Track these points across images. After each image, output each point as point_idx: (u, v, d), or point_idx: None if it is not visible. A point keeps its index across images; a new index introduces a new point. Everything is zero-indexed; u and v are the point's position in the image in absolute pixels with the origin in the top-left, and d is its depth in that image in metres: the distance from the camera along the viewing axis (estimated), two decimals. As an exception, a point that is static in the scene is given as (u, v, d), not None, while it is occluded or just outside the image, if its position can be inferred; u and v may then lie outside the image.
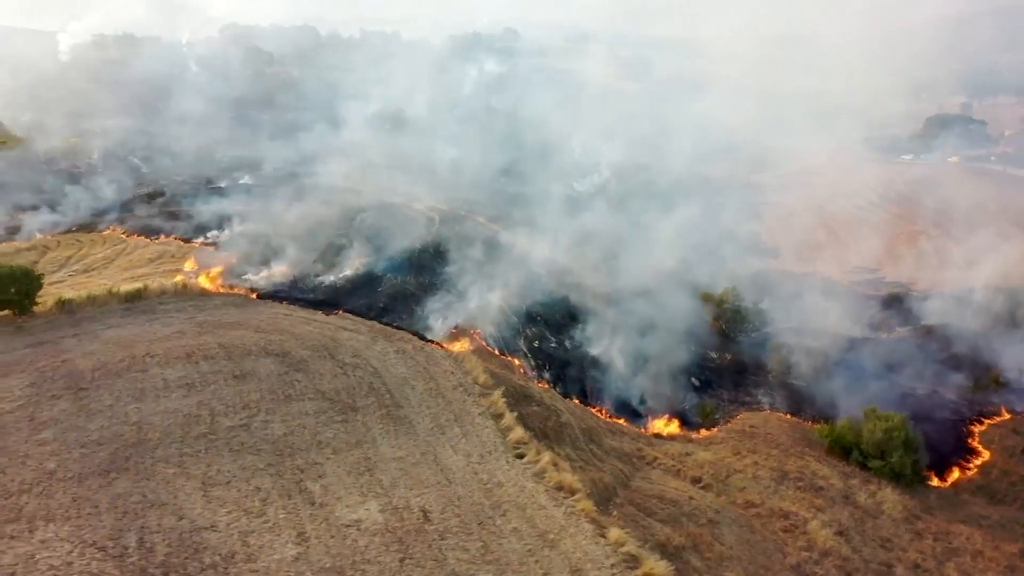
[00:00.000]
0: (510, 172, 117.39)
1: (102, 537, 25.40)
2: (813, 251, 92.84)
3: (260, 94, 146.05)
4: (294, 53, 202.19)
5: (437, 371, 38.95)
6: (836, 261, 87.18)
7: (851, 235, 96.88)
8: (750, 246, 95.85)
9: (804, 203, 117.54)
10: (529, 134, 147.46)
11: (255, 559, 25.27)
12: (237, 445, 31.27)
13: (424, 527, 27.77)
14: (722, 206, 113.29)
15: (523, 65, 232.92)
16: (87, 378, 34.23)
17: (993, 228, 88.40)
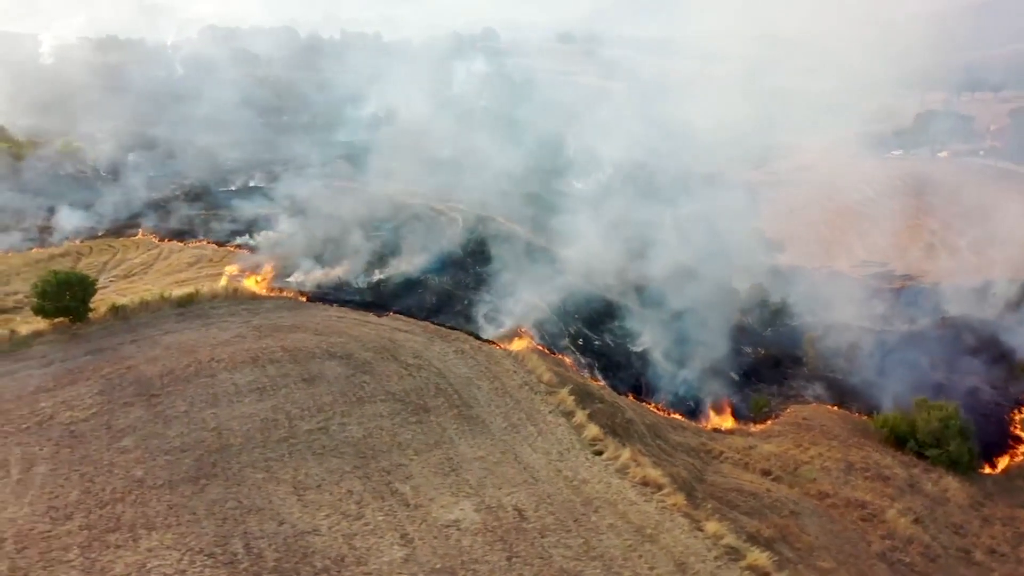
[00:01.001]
0: (515, 172, 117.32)
1: (208, 544, 25.13)
2: (819, 246, 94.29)
3: (260, 96, 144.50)
4: (285, 55, 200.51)
5: (499, 371, 38.97)
6: (844, 255, 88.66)
7: (854, 230, 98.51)
8: (757, 242, 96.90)
9: (804, 199, 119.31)
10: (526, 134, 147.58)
11: (365, 562, 25.15)
12: (319, 448, 31.08)
13: (522, 525, 27.81)
14: (724, 203, 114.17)
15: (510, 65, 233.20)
16: (157, 384, 33.79)
17: (993, 220, 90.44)
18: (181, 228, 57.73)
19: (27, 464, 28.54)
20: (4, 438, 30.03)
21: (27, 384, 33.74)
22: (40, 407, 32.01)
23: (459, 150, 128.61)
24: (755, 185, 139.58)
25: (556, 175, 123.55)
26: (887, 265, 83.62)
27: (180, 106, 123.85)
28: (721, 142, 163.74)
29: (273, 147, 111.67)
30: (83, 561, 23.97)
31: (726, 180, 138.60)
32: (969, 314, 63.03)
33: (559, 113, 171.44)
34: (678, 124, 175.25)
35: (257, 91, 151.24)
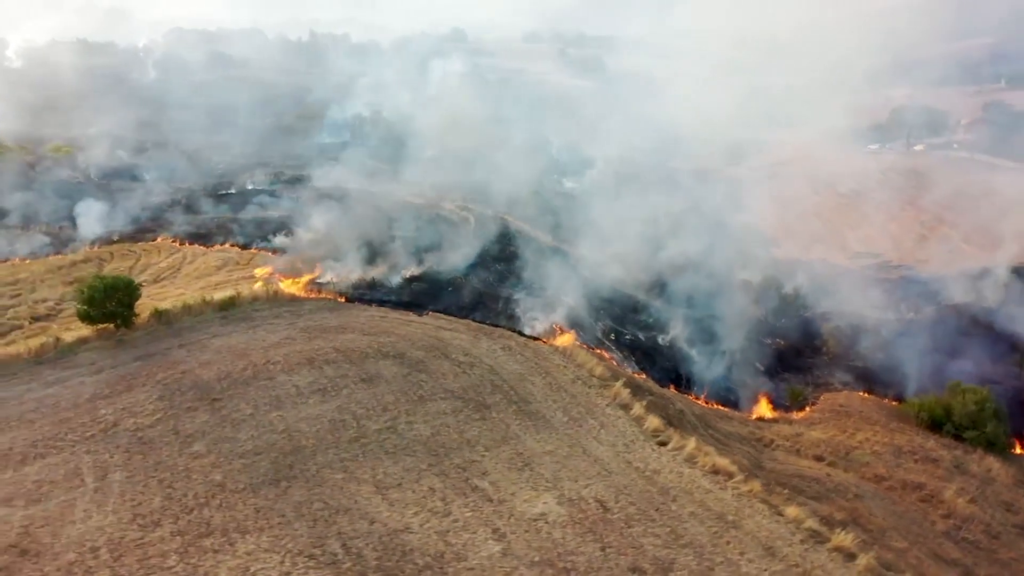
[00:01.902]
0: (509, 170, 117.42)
1: (306, 546, 24.97)
2: (812, 239, 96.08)
3: (244, 98, 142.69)
4: (265, 57, 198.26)
5: (549, 366, 39.21)
6: (838, 247, 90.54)
7: (844, 222, 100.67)
8: (750, 236, 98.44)
9: (788, 194, 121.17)
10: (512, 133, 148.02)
11: (464, 557, 25.21)
12: (391, 447, 31.01)
13: (607, 516, 28.08)
14: (714, 199, 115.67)
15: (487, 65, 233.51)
16: (216, 388, 33.38)
17: (979, 210, 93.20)
18: (199, 232, 56.83)
19: (101, 472, 28.03)
20: (71, 446, 29.44)
21: (82, 392, 33.08)
22: (101, 414, 31.43)
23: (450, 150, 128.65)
24: (739, 180, 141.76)
25: (548, 174, 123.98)
26: (882, 256, 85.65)
27: (165, 109, 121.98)
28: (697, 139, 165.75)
29: (265, 150, 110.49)
30: (185, 567, 23.65)
31: (710, 176, 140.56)
32: (972, 302, 64.87)
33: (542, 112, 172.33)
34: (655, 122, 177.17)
35: (241, 93, 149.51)
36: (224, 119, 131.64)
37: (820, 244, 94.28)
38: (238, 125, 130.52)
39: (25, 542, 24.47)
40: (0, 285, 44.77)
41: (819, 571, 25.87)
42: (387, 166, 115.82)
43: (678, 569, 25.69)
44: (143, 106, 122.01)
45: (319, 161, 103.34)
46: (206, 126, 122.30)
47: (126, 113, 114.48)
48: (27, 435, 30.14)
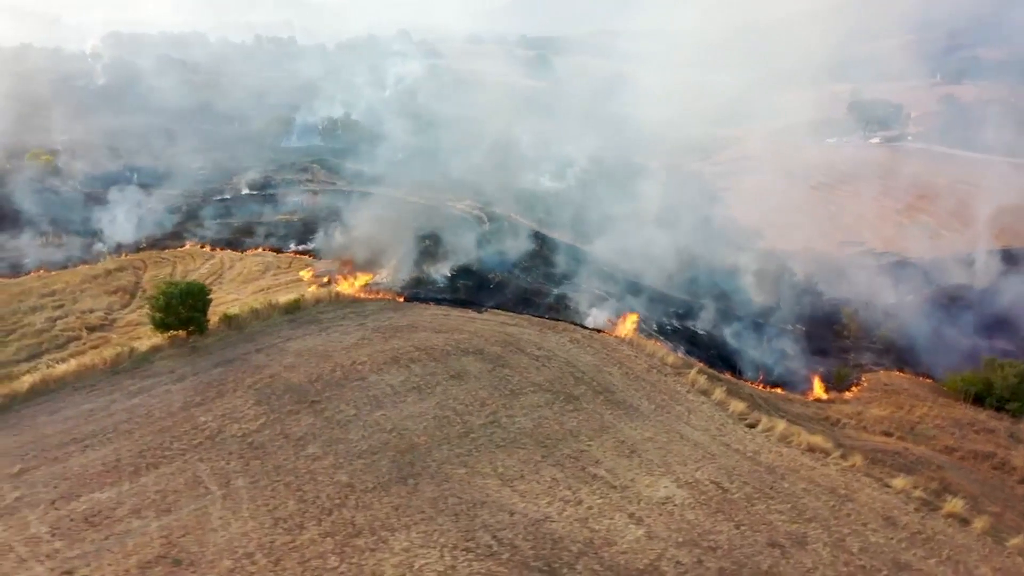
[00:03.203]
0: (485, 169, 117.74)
1: (458, 539, 25.08)
2: (794, 230, 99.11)
3: (203, 103, 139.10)
4: (212, 61, 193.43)
5: (620, 356, 39.92)
6: (820, 237, 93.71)
7: (821, 213, 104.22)
8: (733, 229, 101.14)
9: (759, 187, 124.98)
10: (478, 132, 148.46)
11: (613, 542, 25.71)
12: (500, 441, 31.24)
13: (728, 497, 28.95)
14: (685, 193, 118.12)
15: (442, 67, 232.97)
16: (311, 391, 32.98)
17: (949, 198, 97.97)
18: (225, 236, 55.40)
19: (223, 479, 27.48)
20: (181, 455, 28.76)
21: (171, 400, 32.25)
22: (202, 422, 30.74)
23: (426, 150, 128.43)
24: (708, 176, 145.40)
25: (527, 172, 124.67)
26: (865, 244, 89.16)
27: (129, 116, 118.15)
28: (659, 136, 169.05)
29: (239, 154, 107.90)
30: (349, 567, 23.52)
31: (681, 172, 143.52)
32: (961, 284, 68.30)
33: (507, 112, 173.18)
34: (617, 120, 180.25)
35: (201, 98, 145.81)
36: (190, 125, 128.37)
37: (801, 235, 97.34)
38: (205, 131, 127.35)
39: (174, 552, 23.92)
40: (38, 297, 42.93)
41: (941, 536, 27.27)
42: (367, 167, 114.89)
43: (812, 542, 26.71)
44: (106, 113, 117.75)
45: (300, 165, 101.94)
46: (174, 132, 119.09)
47: (92, 120, 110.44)
48: (130, 446, 29.27)
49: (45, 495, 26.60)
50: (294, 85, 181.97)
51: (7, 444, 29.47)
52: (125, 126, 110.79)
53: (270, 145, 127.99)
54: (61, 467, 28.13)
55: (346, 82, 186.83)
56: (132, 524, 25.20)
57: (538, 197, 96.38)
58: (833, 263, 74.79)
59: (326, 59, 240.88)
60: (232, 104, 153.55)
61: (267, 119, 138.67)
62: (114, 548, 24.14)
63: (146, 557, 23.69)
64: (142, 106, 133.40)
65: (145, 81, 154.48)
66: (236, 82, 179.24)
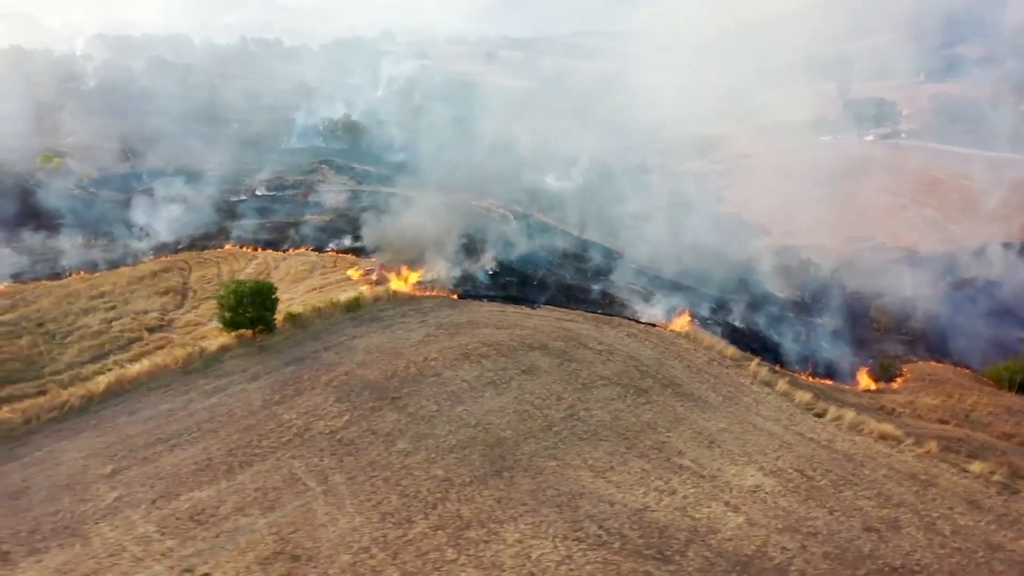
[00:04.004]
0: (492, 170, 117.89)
1: (567, 530, 25.33)
2: (800, 226, 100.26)
3: (199, 105, 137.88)
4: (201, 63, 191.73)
5: (679, 350, 40.37)
6: (829, 233, 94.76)
7: (825, 209, 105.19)
8: (742, 226, 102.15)
9: (759, 185, 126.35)
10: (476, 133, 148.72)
11: (717, 529, 26.09)
12: (582, 434, 31.52)
13: (814, 484, 29.44)
14: (690, 192, 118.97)
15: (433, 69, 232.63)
16: (390, 388, 33.04)
17: (948, 193, 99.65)
18: (259, 238, 55.05)
19: (320, 476, 27.51)
20: (272, 453, 28.73)
21: (251, 399, 32.16)
22: (285, 420, 30.71)
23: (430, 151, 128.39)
24: (706, 175, 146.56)
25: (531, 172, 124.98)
26: (875, 239, 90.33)
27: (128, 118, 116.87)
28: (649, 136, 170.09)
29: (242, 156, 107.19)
30: (468, 559, 23.69)
31: (679, 171, 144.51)
32: (975, 276, 69.60)
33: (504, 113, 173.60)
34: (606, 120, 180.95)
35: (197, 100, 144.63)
36: (190, 127, 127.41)
37: (809, 231, 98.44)
38: (206, 133, 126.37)
39: (289, 548, 23.95)
40: (87, 299, 42.44)
41: (1027, 518, 27.92)
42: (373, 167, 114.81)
43: (905, 525, 27.27)
44: (106, 115, 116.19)
45: (308, 166, 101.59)
46: (177, 135, 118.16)
47: (93, 122, 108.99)
48: (218, 445, 29.19)
49: (144, 495, 26.49)
50: (288, 87, 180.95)
51: (93, 445, 29.28)
52: (127, 128, 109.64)
53: (271, 147, 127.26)
54: (153, 467, 28.00)
55: (340, 83, 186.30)
56: (239, 522, 25.18)
57: (550, 196, 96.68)
58: (847, 257, 75.76)
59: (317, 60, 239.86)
60: (229, 106, 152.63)
61: (266, 121, 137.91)
62: (227, 546, 24.13)
63: (263, 554, 23.70)
64: (141, 109, 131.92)
65: (141, 83, 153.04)
66: (231, 84, 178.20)
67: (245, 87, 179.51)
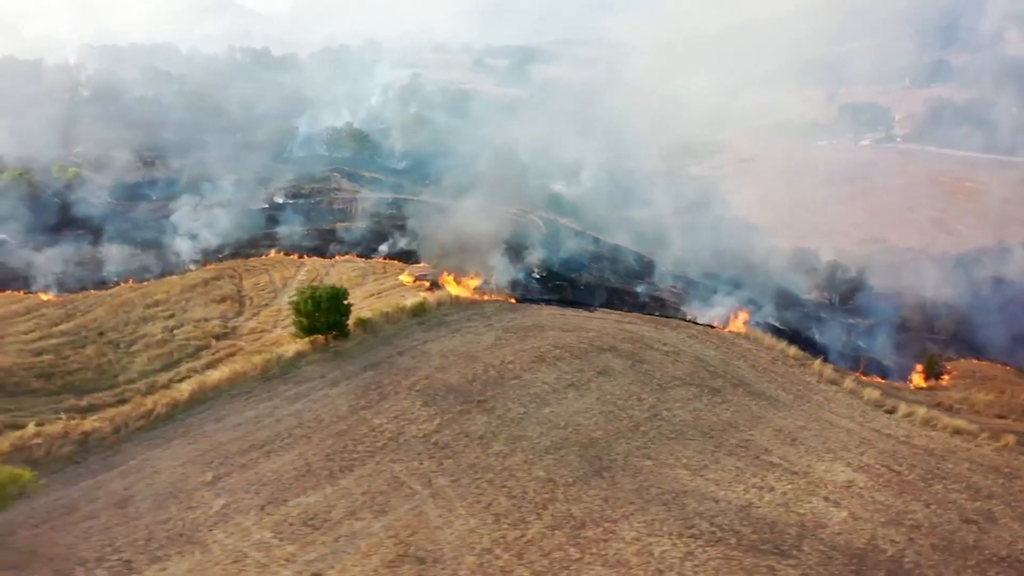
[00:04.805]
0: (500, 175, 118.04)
1: (680, 528, 25.61)
2: (809, 228, 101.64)
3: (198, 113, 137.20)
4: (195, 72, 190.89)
5: (741, 350, 40.87)
6: (840, 235, 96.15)
7: (833, 212, 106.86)
8: (751, 229, 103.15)
9: (762, 189, 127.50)
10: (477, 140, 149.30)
11: (824, 524, 26.49)
12: (668, 433, 31.84)
13: (904, 479, 29.97)
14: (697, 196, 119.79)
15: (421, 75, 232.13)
16: (474, 391, 33.15)
17: (956, 196, 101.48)
18: (301, 245, 54.93)
19: (424, 479, 27.56)
20: (371, 457, 28.73)
21: (336, 405, 32.11)
22: (376, 424, 30.72)
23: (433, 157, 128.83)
24: (709, 179, 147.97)
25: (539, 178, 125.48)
26: (886, 241, 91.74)
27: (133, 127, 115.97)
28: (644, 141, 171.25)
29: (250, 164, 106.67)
30: (593, 557, 23.87)
31: (683, 175, 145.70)
32: (1000, 275, 70.92)
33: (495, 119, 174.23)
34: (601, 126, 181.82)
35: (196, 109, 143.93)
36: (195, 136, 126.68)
37: (816, 233, 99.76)
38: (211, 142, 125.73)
39: (411, 551, 23.98)
40: (142, 307, 42.07)
41: (1115, 507, 28.57)
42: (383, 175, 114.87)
43: (1000, 517, 27.86)
44: (110, 125, 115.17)
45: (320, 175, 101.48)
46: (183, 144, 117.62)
47: (99, 132, 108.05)
48: (314, 450, 29.14)
49: (251, 501, 26.37)
50: (283, 95, 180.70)
51: (187, 452, 29.10)
52: (134, 138, 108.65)
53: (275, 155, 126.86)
54: (253, 473, 27.88)
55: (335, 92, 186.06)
56: (354, 526, 25.16)
57: (566, 201, 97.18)
58: (868, 258, 76.83)
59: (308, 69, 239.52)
60: (229, 115, 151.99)
61: (268, 129, 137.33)
62: (348, 550, 24.11)
63: (387, 557, 23.71)
64: (144, 118, 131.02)
65: (140, 93, 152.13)
66: (227, 93, 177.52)
67: (241, 96, 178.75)
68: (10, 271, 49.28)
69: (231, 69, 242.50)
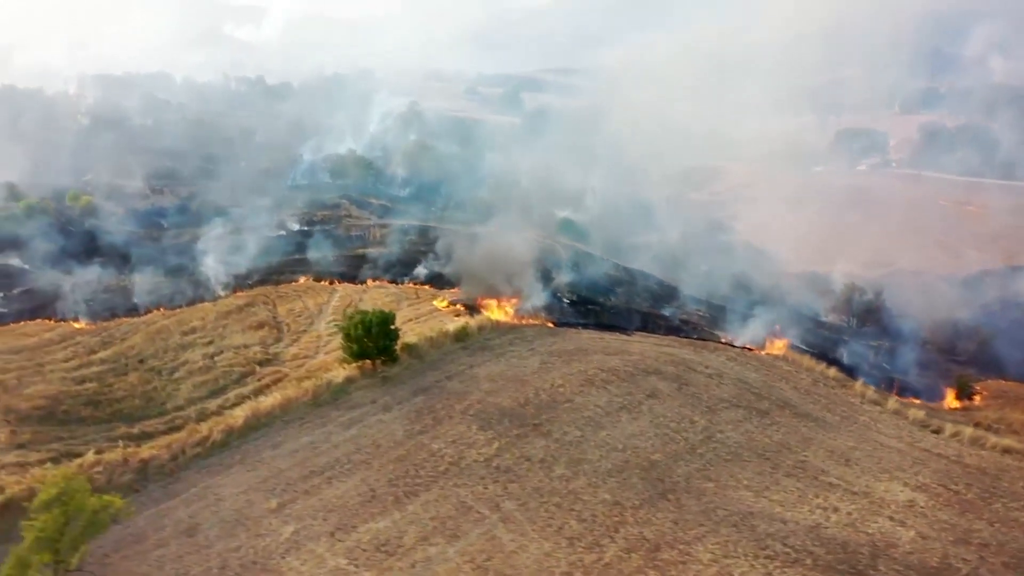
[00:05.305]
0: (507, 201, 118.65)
1: (754, 549, 25.58)
2: (816, 252, 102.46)
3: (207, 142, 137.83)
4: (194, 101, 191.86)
5: (782, 372, 41.11)
6: (847, 258, 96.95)
7: (837, 236, 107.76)
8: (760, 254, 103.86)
9: (766, 215, 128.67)
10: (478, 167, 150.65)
11: (894, 544, 26.52)
12: (725, 455, 31.89)
13: (963, 498, 30.11)
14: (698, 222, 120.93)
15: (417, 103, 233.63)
16: (528, 415, 33.15)
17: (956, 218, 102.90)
18: (330, 271, 54.81)
19: (491, 503, 27.46)
20: (435, 482, 28.62)
21: (391, 430, 32.03)
22: (435, 449, 30.63)
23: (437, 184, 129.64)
24: (709, 205, 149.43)
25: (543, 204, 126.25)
26: (895, 264, 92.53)
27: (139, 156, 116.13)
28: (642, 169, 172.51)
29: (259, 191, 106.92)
30: (674, 579, 23.76)
31: (684, 202, 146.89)
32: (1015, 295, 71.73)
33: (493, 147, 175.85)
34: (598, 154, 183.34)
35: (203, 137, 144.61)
36: (201, 165, 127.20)
37: (822, 257, 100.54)
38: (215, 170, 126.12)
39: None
40: (179, 335, 41.84)
41: None
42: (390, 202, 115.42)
43: (1064, 535, 27.93)
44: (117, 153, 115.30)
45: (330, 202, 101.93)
46: (190, 172, 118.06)
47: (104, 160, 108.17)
48: (376, 476, 29.00)
49: (320, 527, 26.19)
50: (284, 123, 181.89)
51: (248, 480, 28.90)
52: (139, 166, 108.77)
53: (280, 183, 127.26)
54: (318, 499, 27.71)
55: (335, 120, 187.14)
56: (428, 551, 25.01)
57: (575, 227, 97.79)
58: (879, 282, 77.49)
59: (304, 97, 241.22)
60: (232, 143, 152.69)
61: (273, 157, 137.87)
62: (425, 575, 23.93)
63: (467, 582, 23.54)
64: (146, 146, 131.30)
65: (140, 121, 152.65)
66: (228, 121, 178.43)
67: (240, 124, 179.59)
68: (37, 298, 48.95)
69: (227, 97, 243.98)
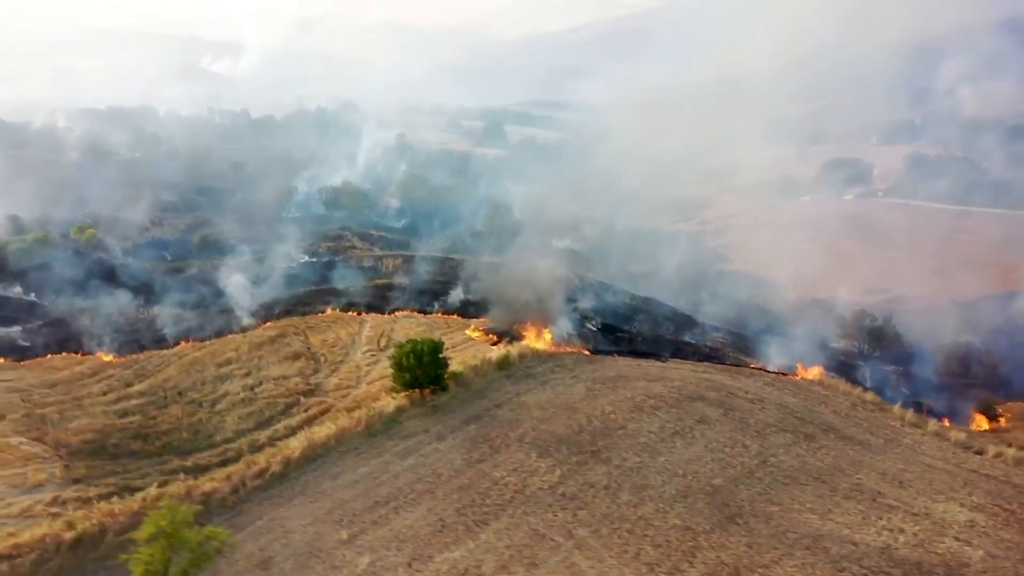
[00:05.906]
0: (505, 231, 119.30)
1: (832, 571, 25.78)
2: (809, 280, 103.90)
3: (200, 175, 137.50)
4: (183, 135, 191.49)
5: (819, 396, 41.55)
6: (845, 286, 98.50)
7: (832, 264, 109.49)
8: (759, 282, 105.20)
9: (758, 243, 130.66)
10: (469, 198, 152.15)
11: (966, 563, 26.81)
12: (782, 478, 32.11)
13: (1020, 518, 30.49)
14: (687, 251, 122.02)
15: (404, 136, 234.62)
16: (584, 442, 33.20)
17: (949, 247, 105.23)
18: (354, 302, 54.62)
19: (564, 531, 27.39)
20: (502, 510, 28.52)
21: (451, 459, 31.90)
22: (497, 477, 30.56)
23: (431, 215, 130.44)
24: (700, 235, 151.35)
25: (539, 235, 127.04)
26: (890, 291, 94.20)
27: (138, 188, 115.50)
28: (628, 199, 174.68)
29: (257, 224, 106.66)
30: (761, 603, 23.76)
31: (674, 232, 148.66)
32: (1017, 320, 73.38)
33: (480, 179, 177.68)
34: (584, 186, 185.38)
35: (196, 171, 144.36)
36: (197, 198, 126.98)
37: (818, 285, 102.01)
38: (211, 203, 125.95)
39: (578, 603, 23.67)
40: (215, 366, 41.35)
41: None
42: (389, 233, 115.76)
43: (1124, 552, 28.38)
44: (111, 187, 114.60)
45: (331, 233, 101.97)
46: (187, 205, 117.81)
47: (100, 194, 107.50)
48: (442, 506, 28.82)
49: (395, 558, 25.95)
50: (272, 156, 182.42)
51: (313, 511, 28.60)
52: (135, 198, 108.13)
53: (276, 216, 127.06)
54: (388, 530, 27.47)
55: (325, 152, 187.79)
56: (510, 580, 24.83)
57: (578, 256, 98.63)
58: (884, 308, 78.81)
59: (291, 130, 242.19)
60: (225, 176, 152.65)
61: (269, 190, 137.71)
62: (512, 604, 23.74)
63: (556, 609, 23.36)
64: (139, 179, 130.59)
65: (129, 155, 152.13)
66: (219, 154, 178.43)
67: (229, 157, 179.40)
68: (61, 331, 48.27)
69: (213, 130, 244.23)
